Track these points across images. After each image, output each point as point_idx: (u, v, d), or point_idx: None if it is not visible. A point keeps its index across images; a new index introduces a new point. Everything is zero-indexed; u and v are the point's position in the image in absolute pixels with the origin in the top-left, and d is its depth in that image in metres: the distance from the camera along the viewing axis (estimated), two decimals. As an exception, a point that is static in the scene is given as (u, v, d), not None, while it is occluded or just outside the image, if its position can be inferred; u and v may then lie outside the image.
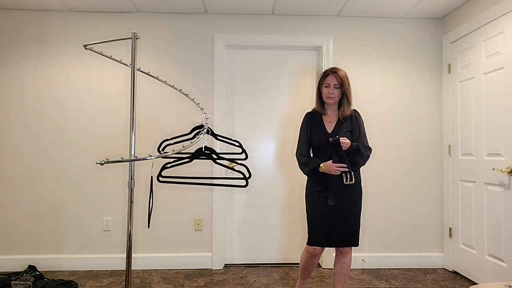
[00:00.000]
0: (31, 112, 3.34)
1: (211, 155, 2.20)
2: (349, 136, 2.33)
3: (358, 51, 3.47)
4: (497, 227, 2.76)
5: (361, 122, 2.41)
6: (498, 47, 2.77)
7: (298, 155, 2.44)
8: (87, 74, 3.38)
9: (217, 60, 3.41)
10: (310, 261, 2.40)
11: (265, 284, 3.00)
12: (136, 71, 2.03)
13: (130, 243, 1.99)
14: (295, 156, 2.47)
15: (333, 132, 2.36)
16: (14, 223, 3.31)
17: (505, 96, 2.70)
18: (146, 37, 3.40)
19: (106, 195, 3.36)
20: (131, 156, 1.99)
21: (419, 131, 3.48)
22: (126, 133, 3.37)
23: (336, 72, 2.35)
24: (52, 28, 3.36)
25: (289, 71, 3.52)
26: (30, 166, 3.32)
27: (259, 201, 3.48)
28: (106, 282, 3.02)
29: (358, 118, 2.41)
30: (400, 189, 3.46)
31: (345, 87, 2.34)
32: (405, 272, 3.31)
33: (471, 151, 3.08)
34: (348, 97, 2.36)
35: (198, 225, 3.38)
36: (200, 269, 3.34)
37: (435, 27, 3.50)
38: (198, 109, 3.36)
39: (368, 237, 3.43)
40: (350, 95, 2.37)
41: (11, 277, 2.85)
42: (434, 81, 3.50)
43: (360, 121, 2.41)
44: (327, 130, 2.37)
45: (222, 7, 3.30)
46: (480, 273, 2.96)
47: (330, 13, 3.41)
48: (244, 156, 2.51)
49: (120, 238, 3.37)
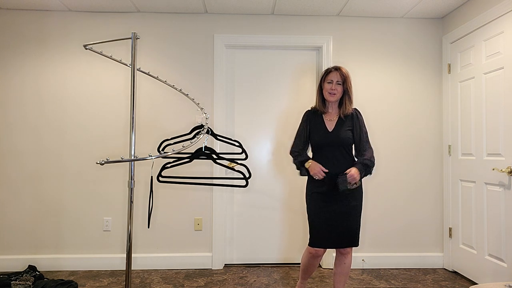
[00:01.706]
0: (31, 112, 3.34)
1: (211, 155, 2.20)
2: (350, 135, 2.34)
3: (358, 51, 3.47)
4: (497, 227, 2.76)
5: (362, 121, 2.41)
6: (498, 47, 2.77)
7: (290, 151, 2.48)
8: (87, 74, 3.38)
9: (217, 60, 3.41)
10: (311, 262, 2.39)
11: (265, 284, 3.00)
12: (136, 71, 2.03)
13: (130, 243, 1.99)
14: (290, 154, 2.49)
15: (334, 130, 2.35)
16: (14, 223, 3.31)
17: (505, 96, 2.70)
18: (146, 37, 3.40)
19: (106, 195, 3.36)
20: (131, 156, 1.99)
21: (419, 131, 3.48)
22: (126, 133, 3.36)
23: (339, 69, 2.36)
24: (52, 28, 3.37)
25: (289, 71, 3.52)
26: (30, 166, 3.32)
27: (259, 201, 3.48)
28: (106, 282, 3.02)
29: (359, 117, 2.40)
30: (400, 189, 3.46)
31: (348, 84, 2.35)
32: (405, 272, 3.31)
33: (471, 151, 3.08)
34: (349, 95, 2.37)
35: (198, 225, 3.38)
36: (200, 269, 3.34)
37: (435, 27, 3.50)
38: (198, 109, 3.36)
39: (368, 237, 3.43)
40: (351, 93, 2.38)
41: (11, 277, 2.85)
42: (434, 81, 3.50)
43: (361, 120, 2.40)
44: (327, 129, 2.37)
45: (222, 7, 3.30)
46: (480, 273, 2.96)
47: (330, 13, 3.41)
48: (244, 156, 2.51)
49: (120, 238, 3.37)
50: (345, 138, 2.33)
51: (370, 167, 2.33)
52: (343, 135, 2.33)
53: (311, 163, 2.32)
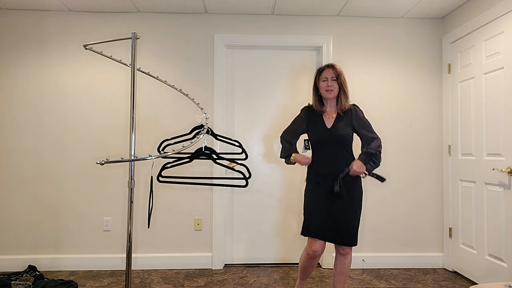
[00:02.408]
0: (31, 112, 3.34)
1: (211, 155, 2.21)
2: (350, 131, 2.34)
3: (358, 51, 3.47)
4: (497, 227, 2.76)
5: (362, 115, 2.40)
6: (498, 47, 2.77)
7: (281, 136, 2.54)
8: (87, 74, 3.38)
9: (217, 60, 3.41)
10: (309, 263, 2.39)
11: (265, 284, 3.00)
12: (136, 71, 2.03)
13: (130, 243, 1.99)
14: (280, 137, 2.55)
15: (333, 127, 2.35)
16: (14, 223, 3.31)
17: (505, 96, 2.70)
18: (146, 37, 3.40)
19: (106, 195, 3.36)
20: (131, 156, 1.99)
21: (419, 131, 3.48)
22: (126, 133, 3.36)
23: (332, 66, 2.39)
24: (52, 28, 3.37)
25: (289, 71, 3.52)
26: (30, 166, 3.32)
27: (259, 201, 3.48)
28: (106, 282, 3.02)
29: (358, 112, 2.40)
30: (400, 189, 3.46)
31: (342, 79, 2.36)
32: (405, 272, 3.31)
33: (471, 151, 3.08)
34: (345, 90, 2.37)
35: (198, 225, 3.38)
36: (200, 269, 3.34)
37: (435, 27, 3.50)
38: (198, 109, 3.36)
39: (368, 237, 3.43)
40: (346, 88, 2.39)
41: (11, 277, 2.85)
42: (434, 81, 3.50)
43: (361, 114, 2.40)
44: (326, 126, 2.37)
45: (222, 7, 3.30)
46: (480, 273, 2.96)
47: (330, 13, 3.41)
48: (244, 156, 2.51)
49: (120, 238, 3.37)
50: (344, 134, 2.32)
51: (376, 156, 2.32)
52: (342, 132, 2.32)
53: (295, 156, 2.41)
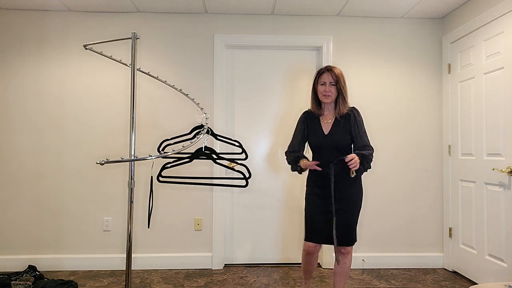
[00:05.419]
0: (31, 112, 3.34)
1: (211, 155, 2.20)
2: (348, 136, 2.32)
3: (358, 51, 3.47)
4: (497, 227, 2.76)
5: (360, 121, 2.36)
6: (498, 47, 2.77)
7: (286, 151, 2.49)
8: (87, 74, 3.38)
9: (217, 60, 3.41)
10: (308, 260, 2.40)
11: (265, 284, 3.00)
12: (136, 71, 2.03)
13: (130, 243, 1.99)
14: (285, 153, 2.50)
15: (330, 133, 2.33)
16: (14, 223, 3.31)
17: (505, 96, 2.70)
18: (146, 37, 3.40)
19: (106, 195, 3.36)
20: (131, 156, 1.99)
21: (419, 131, 3.48)
22: (126, 133, 3.36)
23: (331, 69, 2.32)
24: (52, 28, 3.37)
25: (289, 71, 3.52)
26: (30, 166, 3.32)
27: (259, 201, 3.48)
28: (106, 282, 3.02)
29: (357, 117, 2.35)
30: (400, 189, 3.46)
31: (341, 84, 2.30)
32: (405, 272, 3.31)
33: (471, 151, 3.08)
34: (343, 95, 2.31)
35: (198, 225, 3.38)
36: (200, 269, 3.34)
37: (435, 27, 3.50)
38: (198, 109, 3.36)
39: (368, 237, 3.43)
40: (345, 93, 2.33)
41: (11, 277, 2.85)
42: (434, 81, 3.50)
43: (359, 119, 2.35)
44: (324, 132, 2.35)
45: (222, 7, 3.30)
46: (480, 273, 2.96)
47: (330, 13, 3.41)
48: (244, 156, 2.51)
49: (120, 238, 3.37)
50: (342, 140, 2.31)
51: (369, 159, 2.27)
52: (339, 138, 2.30)
53: (305, 162, 2.35)
